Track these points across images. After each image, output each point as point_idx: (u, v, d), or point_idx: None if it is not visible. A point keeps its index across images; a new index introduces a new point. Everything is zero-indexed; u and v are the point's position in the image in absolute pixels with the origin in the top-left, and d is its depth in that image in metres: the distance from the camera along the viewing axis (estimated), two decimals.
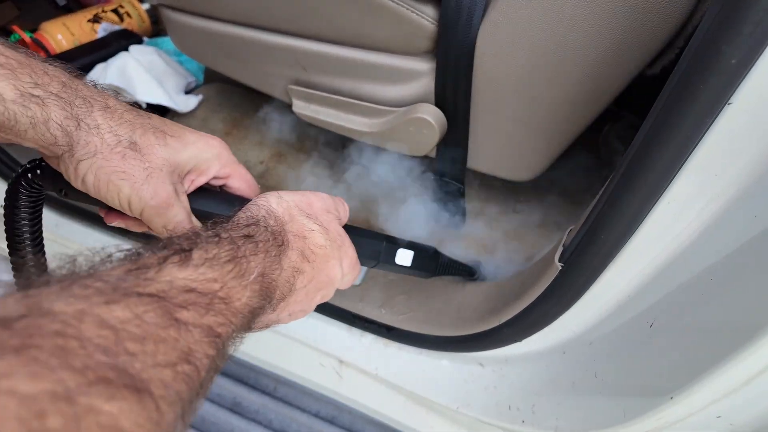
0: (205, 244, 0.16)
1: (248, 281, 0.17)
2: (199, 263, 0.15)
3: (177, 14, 0.44)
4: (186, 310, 0.14)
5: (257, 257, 0.18)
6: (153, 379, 0.11)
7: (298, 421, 0.48)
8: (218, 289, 0.15)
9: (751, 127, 0.18)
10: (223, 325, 0.15)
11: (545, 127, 0.33)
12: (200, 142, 0.23)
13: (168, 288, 0.14)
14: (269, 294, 0.18)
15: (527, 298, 0.30)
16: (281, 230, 0.20)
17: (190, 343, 0.13)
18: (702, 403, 0.22)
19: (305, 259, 0.21)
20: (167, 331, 0.13)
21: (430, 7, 0.31)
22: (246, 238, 0.18)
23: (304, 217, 0.22)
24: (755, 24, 0.15)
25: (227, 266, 0.16)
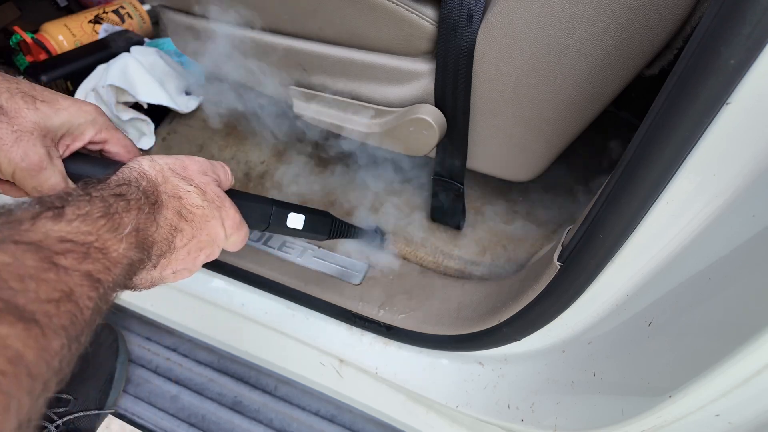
0: (77, 202, 0.17)
1: (123, 234, 0.18)
2: (72, 218, 0.16)
3: (177, 15, 0.44)
4: (64, 257, 0.15)
5: (130, 213, 0.18)
6: (37, 311, 0.13)
7: (299, 420, 0.48)
8: (94, 240, 0.16)
9: (749, 127, 0.18)
10: (102, 272, 0.16)
11: (545, 127, 0.33)
12: (73, 107, 0.23)
13: (44, 237, 0.15)
14: (147, 248, 0.19)
15: (526, 298, 0.31)
16: (154, 190, 0.21)
17: (70, 284, 0.14)
18: (700, 402, 0.22)
19: (182, 218, 0.22)
20: (47, 273, 0.14)
21: (429, 8, 0.31)
22: (117, 196, 0.19)
23: (178, 179, 0.22)
24: (753, 25, 0.15)
25: (100, 221, 0.17)
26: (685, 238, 0.22)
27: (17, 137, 0.21)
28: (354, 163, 0.56)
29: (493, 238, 0.48)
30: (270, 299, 0.47)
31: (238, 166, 0.57)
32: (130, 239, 0.18)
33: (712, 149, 0.19)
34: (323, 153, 0.57)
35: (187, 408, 0.51)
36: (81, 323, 0.14)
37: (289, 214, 0.30)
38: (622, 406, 0.26)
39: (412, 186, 0.53)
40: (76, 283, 0.15)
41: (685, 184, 0.20)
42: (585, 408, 0.29)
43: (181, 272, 0.23)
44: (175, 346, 0.55)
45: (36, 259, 0.14)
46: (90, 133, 0.24)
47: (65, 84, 0.64)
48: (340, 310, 0.43)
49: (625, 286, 0.25)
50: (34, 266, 0.14)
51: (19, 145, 0.21)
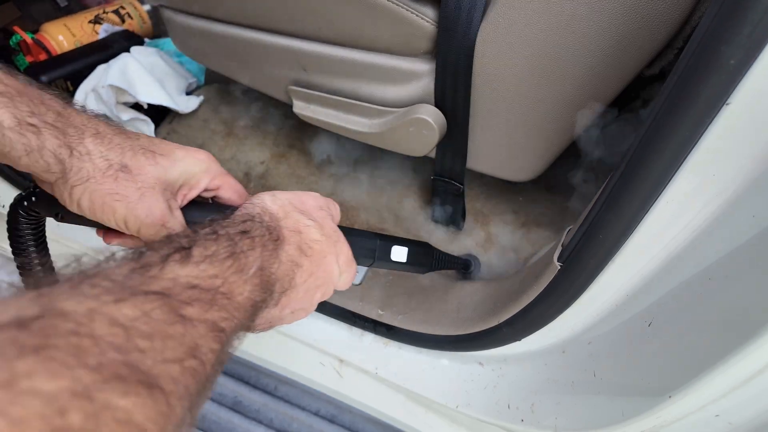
0: (204, 241, 0.17)
1: (248, 275, 0.17)
2: (200, 260, 0.16)
3: (178, 15, 0.44)
4: (191, 306, 0.14)
5: (255, 251, 0.18)
6: (162, 374, 0.12)
7: (299, 420, 0.48)
8: (220, 285, 0.16)
9: (749, 127, 0.18)
10: (226, 319, 0.15)
11: (544, 127, 0.33)
12: (188, 158, 0.24)
13: (172, 285, 0.14)
14: (269, 287, 0.19)
15: (526, 298, 0.31)
16: (276, 225, 0.21)
17: (195, 338, 0.14)
18: (700, 402, 0.22)
19: (303, 254, 0.22)
20: (174, 327, 0.13)
21: (429, 8, 0.31)
22: (242, 234, 0.19)
23: (298, 213, 0.23)
24: (754, 24, 0.15)
25: (227, 262, 0.17)
26: (685, 239, 0.22)
27: (141, 194, 0.21)
28: (354, 163, 0.56)
29: (493, 238, 0.48)
30: None
31: (238, 166, 0.57)
32: (254, 280, 0.17)
33: (712, 149, 0.19)
34: (323, 153, 0.57)
35: None
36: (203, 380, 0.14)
37: (393, 247, 0.30)
38: (622, 406, 0.26)
39: (412, 186, 0.53)
40: (201, 335, 0.14)
41: (685, 185, 0.20)
42: (585, 408, 0.29)
43: (298, 312, 0.23)
44: None
45: (163, 312, 0.13)
46: (205, 182, 0.24)
47: (65, 84, 0.65)
48: (340, 310, 0.43)
49: (625, 286, 0.25)
50: (161, 320, 0.13)
51: (143, 201, 0.21)
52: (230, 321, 0.16)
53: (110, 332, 0.11)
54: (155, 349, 0.12)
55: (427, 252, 0.33)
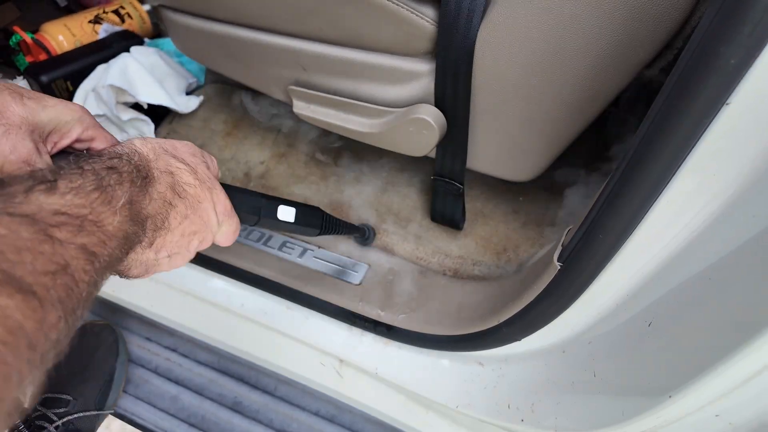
0: (69, 175, 0.17)
1: (117, 207, 0.17)
2: (65, 191, 0.16)
3: (177, 15, 0.44)
4: (58, 230, 0.15)
5: (123, 186, 0.18)
6: (35, 282, 0.13)
7: (299, 421, 0.48)
8: (87, 213, 0.16)
9: (749, 127, 0.18)
10: (97, 245, 0.16)
11: (545, 127, 0.33)
12: (60, 105, 0.23)
13: (38, 210, 0.15)
14: (140, 221, 0.19)
15: (526, 298, 0.31)
16: (146, 165, 0.21)
17: (66, 257, 0.14)
18: (700, 402, 0.22)
19: (176, 195, 0.21)
20: (42, 245, 0.14)
21: (429, 8, 0.31)
22: (110, 170, 0.18)
23: (169, 156, 0.22)
24: (753, 24, 0.15)
25: (93, 194, 0.17)
26: (685, 238, 0.22)
27: (5, 130, 0.20)
28: (354, 163, 0.56)
29: (493, 239, 0.48)
30: (270, 299, 0.47)
31: (238, 166, 0.57)
32: (124, 212, 0.18)
33: (712, 149, 0.19)
34: (323, 153, 0.57)
35: (187, 408, 0.51)
36: (77, 296, 0.15)
37: (280, 207, 0.30)
38: (622, 406, 0.26)
39: (412, 186, 0.53)
40: (72, 255, 0.15)
41: (686, 184, 0.20)
42: (585, 408, 0.29)
43: (176, 258, 0.23)
44: (175, 346, 0.55)
45: (31, 232, 0.14)
46: (77, 131, 0.24)
47: (65, 84, 0.64)
48: (340, 310, 0.43)
49: (625, 286, 0.25)
50: (29, 238, 0.14)
51: (7, 138, 0.20)
52: (101, 247, 0.16)
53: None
54: (25, 262, 0.13)
55: (316, 214, 0.33)
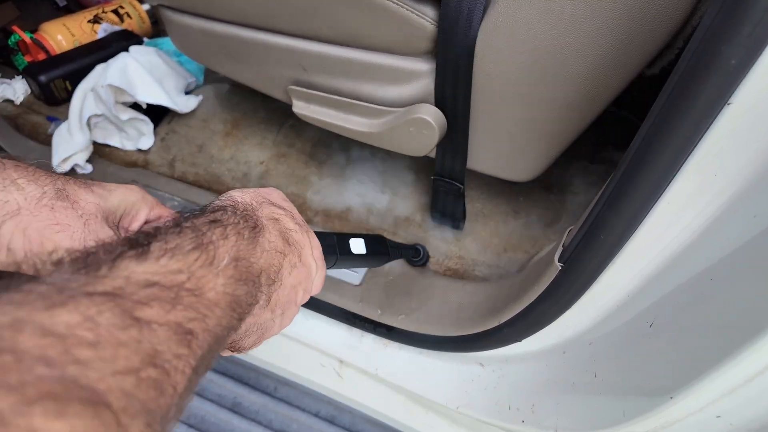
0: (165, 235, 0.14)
1: (220, 267, 0.15)
2: (160, 255, 0.13)
3: (177, 15, 0.44)
4: (148, 307, 0.12)
5: (228, 241, 0.16)
6: (111, 389, 0.10)
7: (299, 421, 0.48)
8: (185, 281, 0.13)
9: (751, 127, 0.18)
10: (194, 320, 0.13)
11: (545, 127, 0.33)
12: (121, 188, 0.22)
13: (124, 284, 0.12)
14: (251, 278, 0.16)
15: (527, 298, 0.30)
16: (252, 214, 0.18)
17: (155, 344, 0.11)
18: (702, 402, 0.22)
19: (285, 242, 0.19)
20: (126, 332, 0.11)
21: (429, 7, 0.31)
22: (212, 223, 0.16)
23: (268, 204, 0.21)
24: (754, 24, 0.15)
25: (192, 254, 0.14)
26: (686, 239, 0.22)
27: (85, 221, 0.18)
28: (353, 163, 0.56)
29: (493, 239, 0.48)
30: None
31: (238, 167, 0.57)
32: (228, 272, 0.15)
33: (713, 149, 0.19)
34: (323, 153, 0.57)
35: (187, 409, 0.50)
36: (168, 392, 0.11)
37: (350, 240, 0.29)
38: (623, 406, 0.26)
39: (412, 186, 0.53)
40: (162, 340, 0.12)
41: (687, 185, 0.20)
42: (586, 409, 0.29)
43: (287, 314, 0.20)
44: None
45: (113, 315, 0.11)
46: (144, 212, 0.22)
47: (64, 84, 0.64)
48: (340, 310, 0.43)
49: (626, 286, 0.25)
50: (110, 324, 0.11)
51: (88, 228, 0.18)
52: (200, 321, 0.13)
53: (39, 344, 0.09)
54: (102, 359, 0.10)
55: (382, 241, 0.33)
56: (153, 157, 0.59)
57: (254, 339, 0.19)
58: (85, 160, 0.57)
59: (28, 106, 0.67)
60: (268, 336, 0.21)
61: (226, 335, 0.15)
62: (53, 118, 0.64)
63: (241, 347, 0.19)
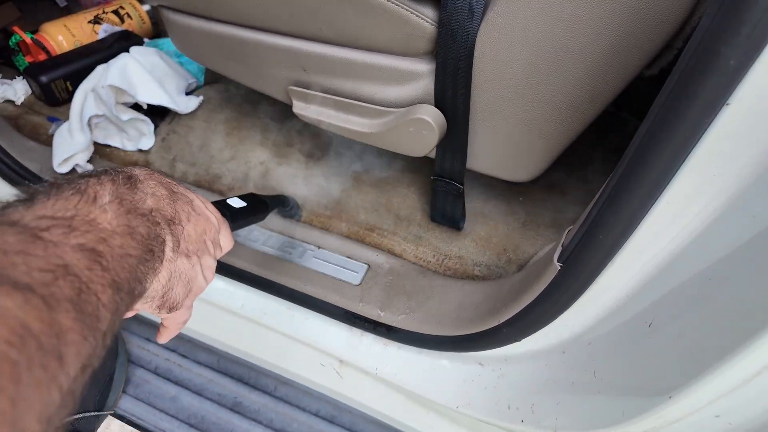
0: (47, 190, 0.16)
1: (103, 203, 0.16)
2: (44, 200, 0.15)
3: (177, 15, 0.44)
4: (47, 232, 0.13)
5: (104, 186, 0.17)
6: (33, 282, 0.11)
7: (299, 421, 0.48)
8: (74, 215, 0.15)
9: (749, 127, 0.18)
10: (96, 242, 0.14)
11: (544, 127, 0.33)
12: None
13: (19, 218, 0.14)
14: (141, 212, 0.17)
15: (526, 298, 0.31)
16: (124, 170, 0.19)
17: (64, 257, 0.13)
18: (700, 402, 0.22)
19: (170, 190, 0.20)
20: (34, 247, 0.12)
21: (429, 8, 0.31)
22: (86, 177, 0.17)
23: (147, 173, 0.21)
24: (753, 25, 0.15)
25: (73, 198, 0.16)
26: (685, 239, 0.22)
27: None
28: (353, 163, 0.56)
29: (493, 239, 0.48)
30: (269, 300, 0.47)
31: (238, 167, 0.57)
32: (113, 207, 0.16)
33: (712, 150, 0.19)
34: (322, 154, 0.57)
35: (187, 409, 0.51)
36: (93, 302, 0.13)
37: (227, 200, 0.31)
38: (622, 406, 0.26)
39: (412, 186, 0.53)
40: (69, 256, 0.13)
41: (685, 185, 0.20)
42: (585, 408, 0.29)
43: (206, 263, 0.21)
44: (175, 346, 0.55)
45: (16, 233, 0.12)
46: None
47: (65, 84, 0.64)
48: (340, 310, 0.43)
49: (625, 286, 0.25)
50: (17, 241, 0.12)
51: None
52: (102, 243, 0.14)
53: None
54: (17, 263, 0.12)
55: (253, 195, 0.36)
56: (153, 158, 0.60)
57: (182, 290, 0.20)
58: (86, 160, 0.58)
59: (29, 106, 0.67)
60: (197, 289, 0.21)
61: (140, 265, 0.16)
62: (54, 118, 0.64)
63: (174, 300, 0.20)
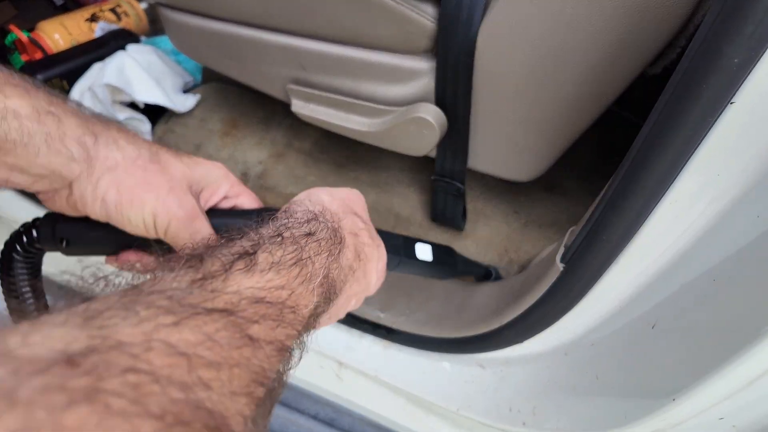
0: (269, 245, 0.15)
1: (314, 285, 0.15)
2: (265, 268, 0.14)
3: (175, 13, 0.44)
4: (257, 325, 0.12)
5: (321, 257, 0.16)
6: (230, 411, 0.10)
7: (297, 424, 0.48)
8: (287, 298, 0.14)
9: (754, 126, 0.18)
10: (291, 337, 0.14)
11: (546, 126, 0.33)
12: (208, 163, 0.23)
13: (237, 300, 0.12)
14: (331, 296, 0.17)
15: (528, 299, 0.30)
16: (339, 226, 0.19)
17: (262, 362, 0.12)
18: (704, 404, 0.22)
19: (358, 258, 0.19)
20: (240, 351, 0.11)
21: (429, 5, 0.30)
22: (308, 236, 0.16)
23: (351, 213, 0.21)
24: (757, 23, 0.15)
25: (293, 270, 0.15)
26: (689, 239, 0.22)
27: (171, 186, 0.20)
28: (353, 163, 0.56)
29: (494, 239, 0.47)
30: None
31: (236, 166, 0.57)
32: (319, 289, 0.15)
33: (715, 149, 0.18)
34: (322, 153, 0.57)
35: None
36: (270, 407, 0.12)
37: (416, 245, 0.28)
38: (625, 409, 0.26)
39: (412, 186, 0.53)
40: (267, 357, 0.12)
41: (689, 185, 0.20)
42: (587, 411, 0.29)
43: (333, 318, 0.21)
44: None
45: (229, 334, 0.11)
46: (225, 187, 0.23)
47: (61, 83, 0.64)
48: None
49: (628, 287, 0.25)
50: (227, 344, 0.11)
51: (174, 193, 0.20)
52: (295, 339, 0.14)
53: (170, 363, 0.09)
54: (221, 381, 0.10)
55: (451, 252, 0.31)
56: None
57: None
58: None
59: None
60: None
61: None
62: None
63: None
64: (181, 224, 0.20)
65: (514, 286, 0.36)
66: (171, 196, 0.20)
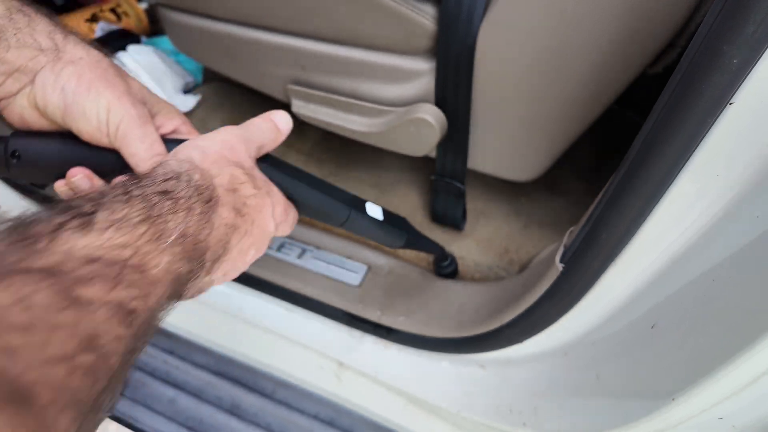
0: (112, 203, 0.14)
1: (167, 243, 0.14)
2: (105, 226, 0.13)
3: (175, 13, 0.44)
4: (88, 286, 0.11)
5: (177, 215, 0.15)
6: (39, 381, 0.09)
7: (297, 424, 0.48)
8: (129, 257, 0.13)
9: (753, 126, 0.18)
10: (137, 298, 0.12)
11: (547, 126, 0.33)
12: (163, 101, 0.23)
13: (64, 259, 0.11)
14: (197, 257, 0.16)
15: (528, 299, 0.30)
16: (209, 184, 0.17)
17: (94, 325, 0.11)
18: (704, 404, 0.22)
19: (238, 214, 0.19)
20: (63, 314, 0.10)
21: (429, 5, 0.30)
22: (162, 194, 0.15)
23: (231, 166, 0.19)
24: (757, 24, 0.15)
25: (139, 228, 0.14)
26: (688, 240, 0.22)
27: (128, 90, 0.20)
28: (353, 163, 0.56)
29: (494, 239, 0.47)
30: (268, 301, 0.46)
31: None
32: (175, 248, 0.14)
33: (715, 149, 0.18)
34: (322, 153, 0.57)
35: (185, 411, 0.50)
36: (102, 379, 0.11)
37: (367, 203, 0.27)
38: (625, 409, 0.26)
39: (412, 186, 0.53)
40: (101, 320, 0.11)
41: (689, 185, 0.20)
42: (588, 411, 0.29)
43: (230, 273, 0.20)
44: (172, 348, 0.54)
45: (49, 295, 0.10)
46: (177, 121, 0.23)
47: None
48: (339, 312, 0.43)
49: (628, 287, 0.25)
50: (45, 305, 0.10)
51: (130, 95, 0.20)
52: (142, 300, 0.13)
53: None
54: (32, 346, 0.09)
55: (404, 221, 0.31)
56: None
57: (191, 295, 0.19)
58: None
59: None
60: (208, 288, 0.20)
61: (162, 310, 0.14)
62: None
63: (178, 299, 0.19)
64: (134, 123, 0.19)
65: (514, 286, 0.36)
66: (127, 96, 0.19)
